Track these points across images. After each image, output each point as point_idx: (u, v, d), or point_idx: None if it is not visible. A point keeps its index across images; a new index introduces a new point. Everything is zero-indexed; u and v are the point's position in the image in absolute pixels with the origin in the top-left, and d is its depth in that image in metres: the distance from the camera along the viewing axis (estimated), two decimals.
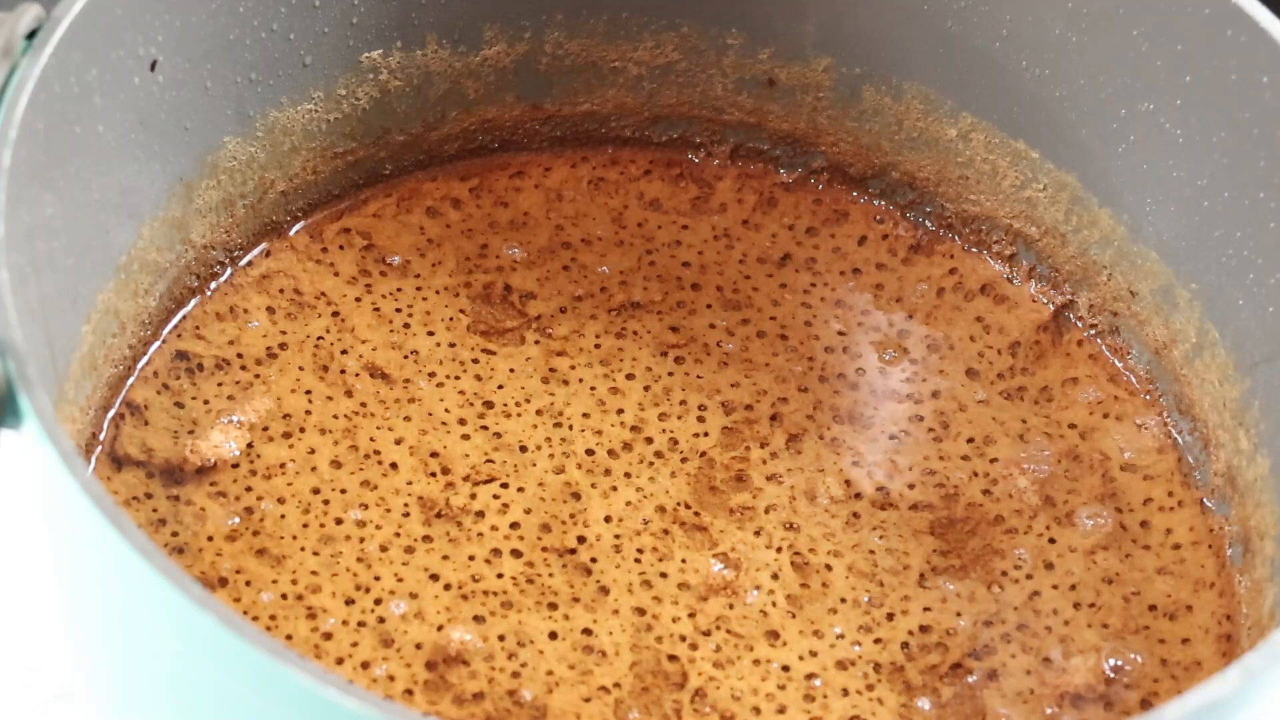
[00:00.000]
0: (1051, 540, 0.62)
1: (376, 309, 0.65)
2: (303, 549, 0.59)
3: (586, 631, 0.58)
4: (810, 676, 0.58)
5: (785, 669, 0.58)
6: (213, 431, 0.61)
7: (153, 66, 0.58)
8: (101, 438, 0.61)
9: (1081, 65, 0.64)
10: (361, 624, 0.58)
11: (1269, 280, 0.60)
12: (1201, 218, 0.62)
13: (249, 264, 0.66)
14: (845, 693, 0.58)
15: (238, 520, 0.59)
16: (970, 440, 0.64)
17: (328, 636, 0.57)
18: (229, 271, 0.65)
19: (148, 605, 0.44)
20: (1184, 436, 0.64)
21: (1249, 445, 0.61)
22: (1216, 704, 0.40)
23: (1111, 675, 0.59)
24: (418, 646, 0.58)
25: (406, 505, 0.60)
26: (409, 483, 0.61)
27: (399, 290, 0.66)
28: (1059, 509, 0.63)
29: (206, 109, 0.61)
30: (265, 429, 0.62)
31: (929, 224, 0.69)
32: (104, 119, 0.56)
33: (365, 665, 0.57)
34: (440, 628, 0.58)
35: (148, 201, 0.60)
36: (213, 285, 0.65)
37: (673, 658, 0.58)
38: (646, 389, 0.64)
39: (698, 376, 0.65)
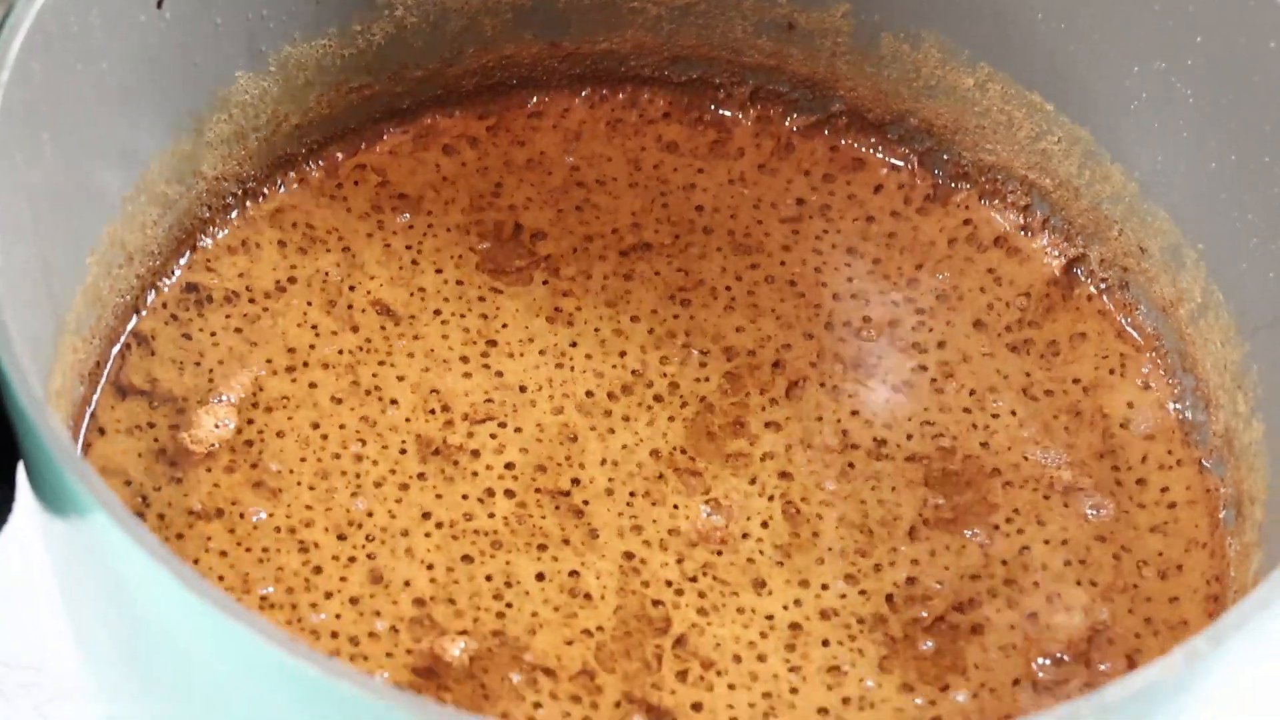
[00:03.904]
0: (1045, 496, 0.62)
1: (387, 245, 0.66)
2: (299, 483, 0.60)
3: (574, 574, 0.59)
4: (793, 626, 0.59)
5: (769, 618, 0.59)
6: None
7: (159, 3, 0.59)
8: (107, 368, 0.62)
9: (1096, 20, 0.63)
10: (352, 559, 0.59)
11: (1271, 245, 0.60)
12: (1209, 179, 0.62)
13: (262, 197, 0.66)
14: (826, 643, 0.58)
15: (236, 452, 0.60)
16: (972, 393, 0.64)
17: (318, 570, 0.58)
18: (242, 205, 0.66)
19: (135, 583, 0.45)
20: (1187, 396, 0.64)
21: (1246, 409, 0.61)
22: (1159, 685, 0.41)
23: (1096, 633, 0.59)
24: (406, 584, 0.58)
25: (404, 442, 0.61)
26: (407, 420, 0.62)
27: (410, 227, 0.67)
28: (1056, 464, 0.63)
29: (216, 46, 0.62)
30: (269, 361, 0.63)
31: (946, 173, 0.69)
32: (107, 57, 0.57)
33: (354, 600, 0.58)
34: (430, 566, 0.59)
35: (154, 137, 0.61)
36: (225, 218, 0.66)
37: (657, 603, 0.59)
38: (650, 332, 0.65)
39: (703, 321, 0.65)
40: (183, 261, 0.64)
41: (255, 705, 0.44)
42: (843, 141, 0.70)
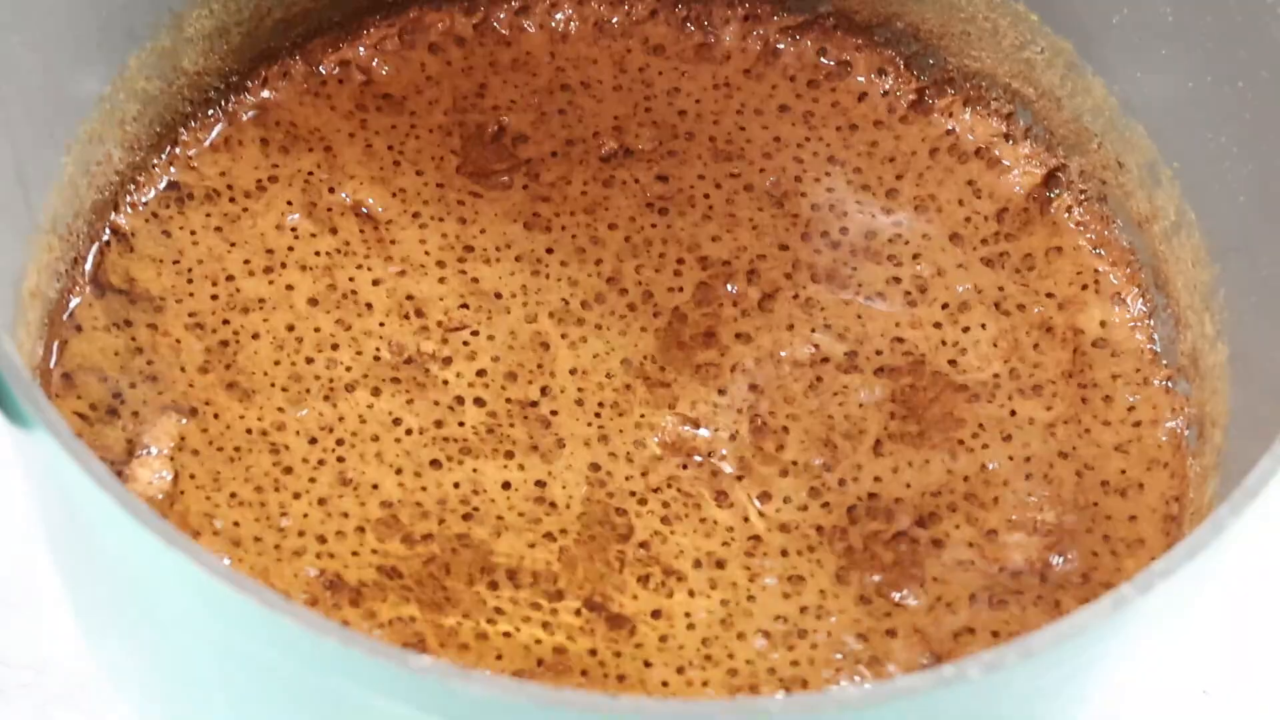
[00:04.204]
0: (1012, 413, 0.63)
1: (369, 145, 0.66)
2: (272, 385, 0.61)
3: (540, 483, 0.60)
4: (753, 537, 0.60)
5: (729, 528, 0.60)
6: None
7: None
8: (87, 266, 0.62)
9: None
10: (322, 462, 0.60)
11: (1242, 170, 0.60)
12: (1185, 99, 0.62)
13: (245, 94, 0.67)
14: (785, 553, 0.59)
15: (211, 353, 0.61)
16: (945, 307, 0.65)
17: (288, 471, 0.59)
18: (224, 101, 0.66)
19: (101, 525, 0.46)
20: (1159, 314, 0.64)
21: (1212, 330, 0.61)
22: (1086, 630, 0.41)
23: (1053, 550, 0.60)
24: (374, 487, 0.59)
25: (377, 348, 0.62)
26: (382, 325, 0.63)
27: (393, 127, 0.67)
28: (1023, 381, 0.63)
29: None
30: (247, 262, 0.63)
31: (931, 78, 0.69)
32: None
33: (322, 501, 0.59)
34: (399, 470, 0.60)
35: (132, 35, 0.61)
36: (206, 114, 0.66)
37: (621, 511, 0.60)
38: (627, 239, 0.65)
39: (680, 230, 0.66)
40: (163, 157, 0.65)
41: (193, 626, 0.45)
42: (829, 45, 0.70)
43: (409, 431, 0.60)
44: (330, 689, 0.42)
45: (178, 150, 0.65)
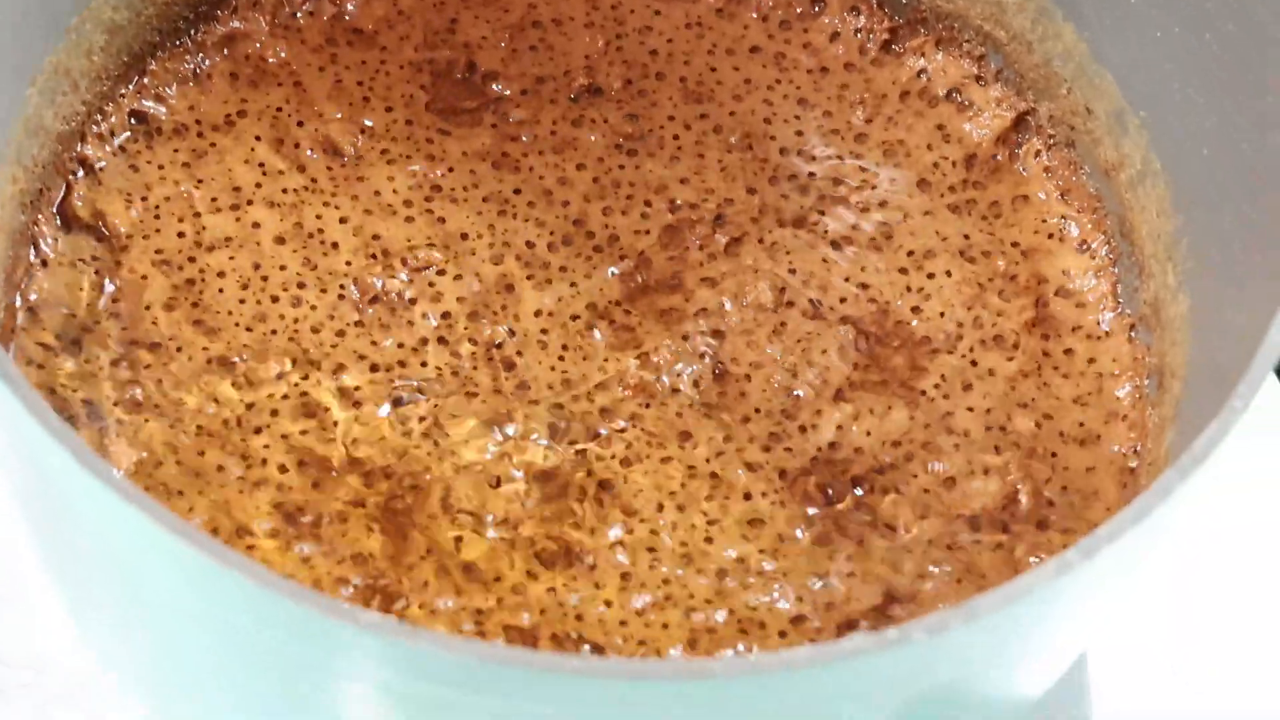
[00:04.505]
0: (974, 363, 0.63)
1: (338, 80, 0.66)
2: (237, 324, 0.61)
3: (502, 423, 0.60)
4: (714, 478, 0.60)
5: (691, 468, 0.60)
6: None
7: None
8: (56, 200, 0.62)
9: None
10: (285, 396, 0.60)
11: (1206, 122, 0.60)
12: (1154, 49, 0.62)
13: (214, 24, 0.67)
14: (747, 496, 0.60)
15: (177, 290, 0.62)
16: (910, 254, 0.65)
17: (250, 406, 0.60)
18: (193, 31, 0.66)
19: (62, 480, 0.46)
20: (1123, 261, 0.64)
21: (1174, 281, 0.61)
22: (1030, 593, 0.42)
23: (1011, 499, 0.60)
24: (337, 424, 0.60)
25: (343, 287, 0.62)
26: (348, 263, 0.63)
27: (363, 62, 0.67)
28: (986, 331, 0.64)
29: None
30: (214, 199, 0.63)
31: (904, 17, 0.69)
32: None
33: (284, 436, 0.59)
34: (361, 406, 0.60)
35: None
36: (175, 44, 0.66)
37: (583, 453, 0.60)
38: (595, 180, 0.65)
39: (648, 171, 0.66)
40: (130, 88, 0.65)
41: (156, 583, 0.46)
42: None
43: (373, 369, 0.61)
44: (281, 643, 0.42)
45: (145, 81, 0.65)
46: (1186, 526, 0.59)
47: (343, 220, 0.63)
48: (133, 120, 0.64)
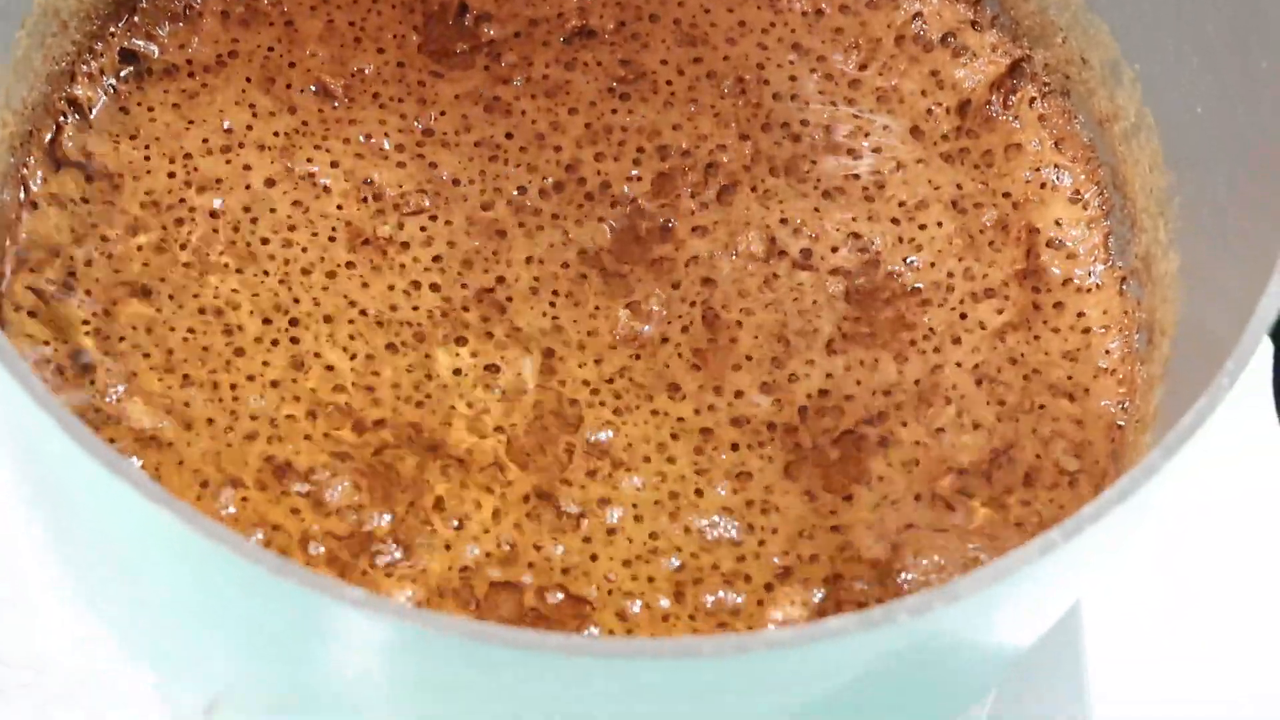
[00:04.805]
0: (963, 315, 0.63)
1: (330, 21, 0.66)
2: (226, 265, 0.61)
3: (492, 369, 0.60)
4: (704, 430, 0.60)
5: (680, 420, 0.60)
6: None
7: None
8: (47, 141, 0.62)
9: None
10: (275, 343, 0.60)
11: (1201, 81, 0.60)
12: (1150, 2, 0.62)
13: None
14: (735, 447, 0.60)
15: (167, 231, 0.61)
16: (902, 204, 0.65)
17: (240, 352, 0.60)
18: None
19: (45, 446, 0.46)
20: (1115, 214, 0.64)
21: (1165, 238, 0.61)
22: (1012, 574, 0.42)
23: (999, 452, 0.61)
24: (328, 369, 0.60)
25: (334, 230, 0.62)
26: (339, 207, 0.63)
27: (355, 3, 0.66)
28: (977, 283, 0.64)
29: None
30: (205, 140, 0.63)
31: None
32: None
33: (275, 384, 0.59)
34: (352, 355, 0.60)
35: None
36: None
37: (573, 402, 0.60)
38: (588, 125, 0.65)
39: (641, 116, 0.65)
40: (120, 25, 0.64)
41: (132, 545, 0.46)
42: None
43: (363, 314, 0.61)
44: (268, 614, 0.43)
45: (135, 19, 0.65)
46: (1187, 518, 0.60)
47: (334, 164, 0.63)
48: (122, 60, 0.64)
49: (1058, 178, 0.65)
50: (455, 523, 0.57)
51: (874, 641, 0.41)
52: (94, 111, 0.63)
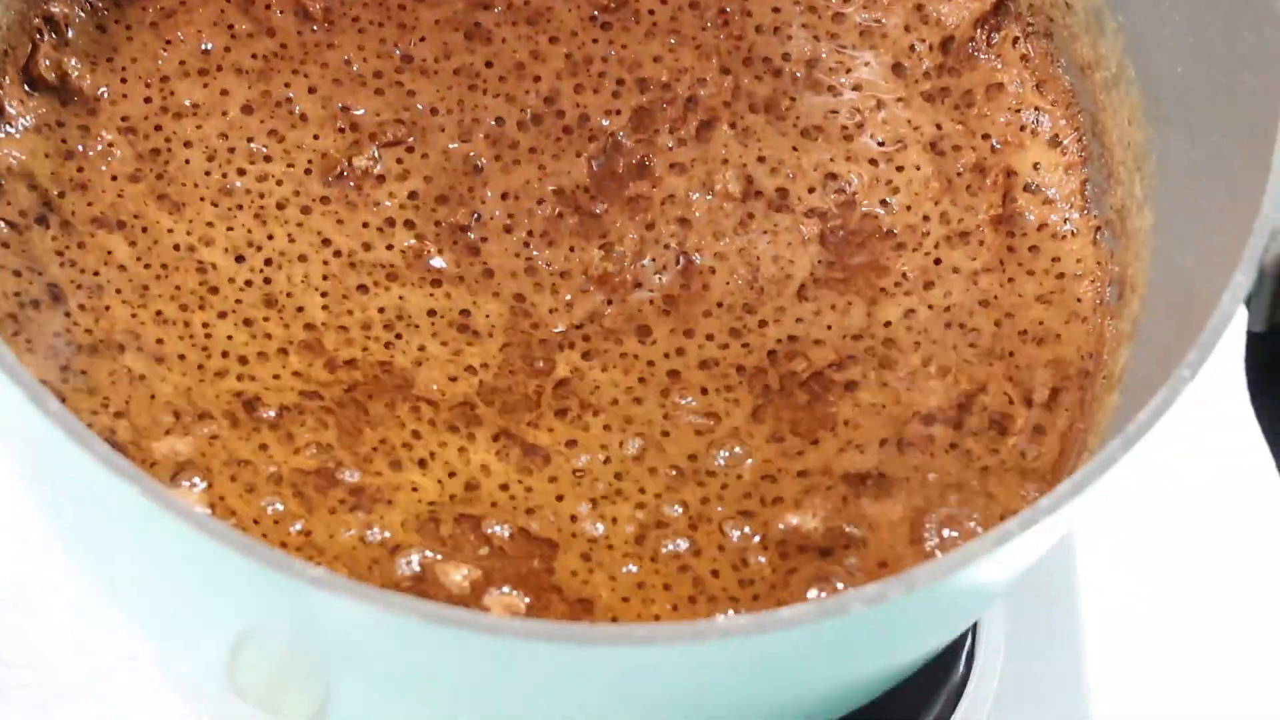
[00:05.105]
0: (937, 260, 0.63)
1: None
2: (202, 199, 0.61)
3: (464, 312, 0.61)
4: (672, 374, 0.61)
5: (650, 364, 0.61)
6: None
7: None
8: (24, 61, 0.62)
9: None
10: (249, 282, 0.60)
11: (1184, 40, 0.59)
12: None
13: None
14: (704, 391, 0.60)
15: (143, 161, 0.61)
16: (881, 143, 0.65)
17: (214, 290, 0.60)
18: None
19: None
20: (1093, 160, 0.64)
21: (1140, 194, 0.62)
22: (968, 564, 0.43)
23: (968, 397, 0.61)
24: (299, 309, 0.60)
25: (310, 162, 0.62)
26: (315, 137, 0.62)
27: None
28: (952, 226, 0.64)
29: None
30: (182, 63, 0.63)
31: None
32: None
33: (247, 322, 0.60)
34: (324, 294, 0.60)
35: None
36: None
37: (543, 343, 0.60)
38: (568, 56, 0.65)
39: (622, 46, 0.65)
40: None
41: (108, 515, 0.46)
42: None
43: (337, 254, 0.61)
44: (233, 586, 0.43)
45: None
46: (1175, 509, 0.60)
47: (312, 90, 0.63)
48: None
49: (1037, 121, 0.65)
50: (422, 461, 0.58)
51: (828, 629, 0.42)
52: (70, 30, 0.62)
